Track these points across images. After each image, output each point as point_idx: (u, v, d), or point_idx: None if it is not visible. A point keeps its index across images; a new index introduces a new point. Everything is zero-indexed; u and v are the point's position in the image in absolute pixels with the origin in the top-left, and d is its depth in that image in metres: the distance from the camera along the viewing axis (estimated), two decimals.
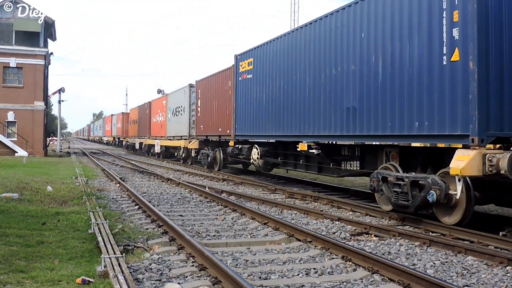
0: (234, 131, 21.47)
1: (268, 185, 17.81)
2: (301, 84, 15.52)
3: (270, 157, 19.26)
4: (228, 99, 22.69)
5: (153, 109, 43.57)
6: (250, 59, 19.70)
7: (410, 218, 10.87)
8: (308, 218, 11.55)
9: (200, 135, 27.85)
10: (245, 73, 20.17)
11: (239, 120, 20.90)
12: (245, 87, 20.24)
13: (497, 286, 6.41)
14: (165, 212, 11.89)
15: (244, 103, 20.29)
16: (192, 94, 30.19)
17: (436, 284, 5.86)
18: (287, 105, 16.39)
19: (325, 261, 7.62)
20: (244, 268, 7.17)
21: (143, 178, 21.74)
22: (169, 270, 6.93)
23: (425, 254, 8.06)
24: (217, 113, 24.69)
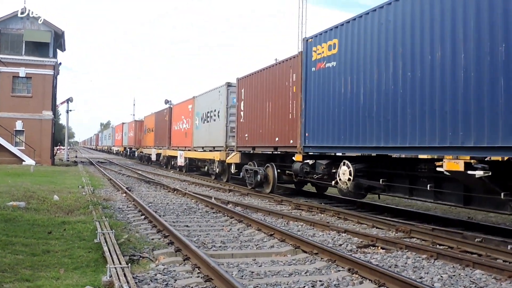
0: (303, 141, 15.88)
1: (274, 196, 17.75)
2: (452, 65, 10.05)
3: (366, 178, 13.60)
4: (291, 98, 17.21)
5: (174, 115, 38.07)
6: (333, 41, 14.32)
7: (417, 231, 10.80)
8: (315, 229, 11.50)
9: (243, 146, 21.97)
10: (323, 60, 14.81)
11: (313, 125, 15.37)
12: (323, 80, 14.82)
13: None
14: (171, 222, 11.87)
15: (322, 102, 14.87)
16: (231, 95, 24.88)
17: None
18: (413, 100, 11.07)
19: (331, 273, 7.57)
20: (249, 279, 7.13)
21: (150, 188, 21.76)
22: (175, 281, 6.91)
23: (433, 267, 7.99)
24: (272, 117, 18.95)
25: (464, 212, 14.86)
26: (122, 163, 46.62)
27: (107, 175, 28.52)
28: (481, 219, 13.73)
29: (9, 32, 39.22)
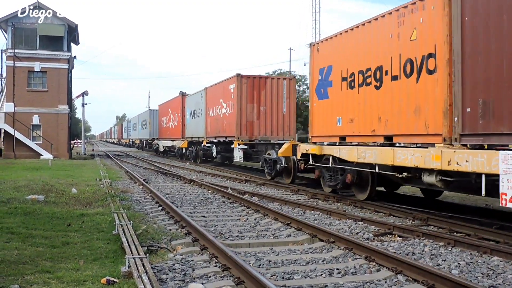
0: None
1: (291, 186, 17.77)
2: None
3: None
4: None
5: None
6: None
7: (434, 219, 10.76)
8: (331, 218, 11.51)
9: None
10: None
11: None
12: None
13: None
14: (188, 213, 11.95)
15: None
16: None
17: (461, 284, 5.80)
18: None
19: (348, 261, 7.58)
20: (267, 268, 7.18)
21: (166, 179, 21.89)
22: (193, 270, 6.97)
23: (450, 255, 7.97)
24: None
25: (481, 199, 14.75)
26: (139, 156, 46.88)
27: (124, 167, 28.74)
28: (498, 206, 13.59)
29: (23, 26, 39.44)
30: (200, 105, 32.97)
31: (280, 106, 24.87)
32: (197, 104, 34.10)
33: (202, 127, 32.29)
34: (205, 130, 31.71)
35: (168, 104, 45.91)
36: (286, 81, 25.29)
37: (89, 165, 31.60)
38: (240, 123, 24.76)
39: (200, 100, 32.98)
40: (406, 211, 11.85)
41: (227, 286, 6.11)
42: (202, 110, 32.36)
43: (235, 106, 25.06)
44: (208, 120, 30.95)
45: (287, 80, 25.59)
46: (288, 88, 25.01)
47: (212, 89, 30.37)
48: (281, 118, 24.92)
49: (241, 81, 24.77)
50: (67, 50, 40.96)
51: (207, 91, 31.36)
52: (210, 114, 30.57)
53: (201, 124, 32.75)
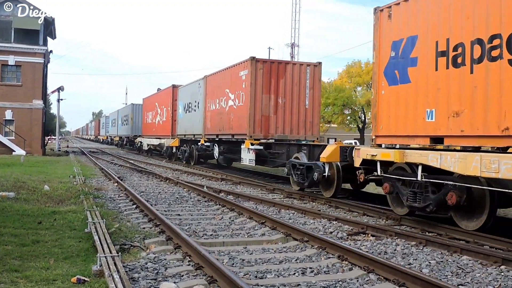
0: None
1: (267, 185, 17.80)
2: None
3: None
4: None
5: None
6: None
7: (407, 219, 10.88)
8: (306, 217, 11.55)
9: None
10: None
11: None
12: None
13: (491, 285, 6.42)
14: (162, 211, 11.88)
15: None
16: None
17: (431, 283, 5.87)
18: None
19: (321, 260, 7.62)
20: (240, 267, 7.17)
21: (142, 177, 21.73)
22: (165, 269, 6.93)
23: (421, 254, 8.07)
24: None
25: None
26: (115, 153, 46.47)
27: (98, 164, 28.45)
28: None
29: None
30: (197, 97, 28.23)
31: (302, 98, 20.68)
32: (193, 95, 29.28)
33: (200, 123, 27.56)
34: (203, 127, 26.97)
35: (155, 97, 41.25)
36: (310, 68, 20.82)
37: (63, 161, 31.21)
38: (253, 118, 20.17)
39: (198, 91, 28.22)
40: (380, 210, 11.96)
41: (200, 285, 6.09)
42: (200, 103, 27.62)
43: (248, 97, 20.40)
44: (208, 115, 26.26)
45: (311, 66, 20.95)
46: (312, 76, 20.76)
47: (215, 78, 25.48)
48: (302, 112, 20.70)
49: (256, 66, 20.22)
50: (43, 44, 40.36)
51: (208, 80, 26.69)
52: (211, 108, 25.75)
53: (198, 119, 28.07)
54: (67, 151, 49.26)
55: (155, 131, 39.74)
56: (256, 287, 6.21)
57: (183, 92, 32.06)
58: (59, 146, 51.87)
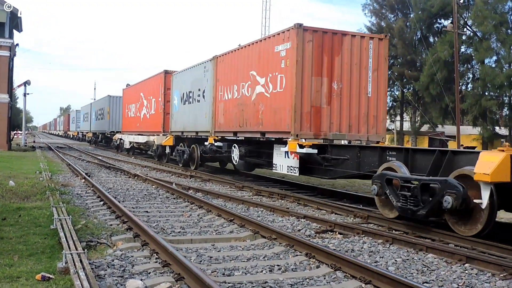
0: None
1: (236, 182, 17.79)
2: None
3: None
4: None
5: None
6: None
7: (374, 217, 11.01)
8: (274, 215, 11.58)
9: None
10: None
11: None
12: None
13: (455, 282, 6.54)
14: (130, 208, 11.77)
15: None
16: None
17: (396, 280, 5.95)
18: None
19: (289, 258, 7.66)
20: (208, 264, 7.15)
21: (110, 173, 21.48)
22: (132, 266, 6.87)
23: (388, 252, 8.17)
24: None
25: None
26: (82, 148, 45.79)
27: (66, 160, 28.01)
28: None
29: None
30: (202, 84, 22.10)
31: (364, 84, 15.27)
32: (195, 83, 23.12)
33: (206, 117, 21.44)
34: (211, 122, 20.72)
35: (140, 86, 34.72)
36: (374, 42, 15.43)
37: (29, 157, 30.64)
38: (300, 111, 14.47)
39: (203, 77, 22.02)
40: (348, 208, 12.08)
41: (167, 283, 6.05)
42: (207, 91, 21.42)
43: (291, 80, 14.59)
44: (220, 107, 19.97)
45: (375, 40, 15.57)
46: (377, 53, 15.39)
47: (232, 57, 19.07)
48: (364, 103, 15.27)
49: (303, 37, 14.53)
50: (8, 37, 39.49)
51: (219, 61, 20.20)
52: (225, 97, 19.49)
53: (203, 112, 21.94)
54: (33, 147, 48.32)
55: (140, 126, 33.81)
56: (224, 284, 6.20)
57: (180, 78, 25.74)
58: (25, 141, 50.87)
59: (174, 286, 6.07)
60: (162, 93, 28.68)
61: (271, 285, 6.24)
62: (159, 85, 29.28)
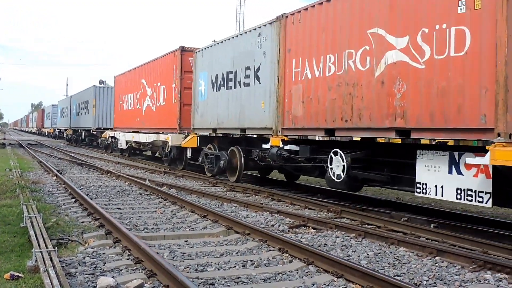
0: None
1: (210, 178, 17.74)
2: None
3: None
4: None
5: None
6: None
7: (347, 211, 11.10)
8: (248, 211, 11.59)
9: None
10: None
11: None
12: None
13: (426, 275, 6.63)
14: (102, 205, 11.65)
15: None
16: None
17: (368, 274, 6.01)
18: None
19: (262, 253, 7.67)
20: (181, 260, 7.12)
21: (82, 170, 21.22)
22: (104, 263, 6.80)
23: (360, 246, 8.24)
24: None
25: (393, 193, 15.38)
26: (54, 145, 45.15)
27: (37, 157, 27.57)
28: (408, 199, 14.26)
29: None
30: (254, 59, 15.38)
31: None
32: (240, 58, 16.29)
33: (265, 106, 14.70)
34: (276, 114, 13.98)
35: (141, 71, 27.43)
36: None
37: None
38: None
39: (255, 49, 15.33)
40: (322, 203, 12.14)
41: (139, 279, 6.00)
42: (265, 69, 14.74)
43: (489, 35, 8.05)
44: (295, 90, 13.18)
45: None
46: None
47: (325, 10, 12.15)
48: None
49: None
50: None
51: (290, 21, 13.59)
52: (306, 75, 12.70)
53: (256, 100, 15.19)
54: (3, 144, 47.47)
55: (142, 121, 27.01)
56: (196, 280, 6.18)
57: (210, 56, 18.65)
58: None
59: (146, 283, 6.03)
60: (178, 77, 21.71)
61: (244, 281, 6.25)
62: (173, 67, 22.21)
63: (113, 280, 5.88)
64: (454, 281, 6.42)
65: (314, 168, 12.95)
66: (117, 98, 33.21)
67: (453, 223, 9.76)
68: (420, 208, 12.00)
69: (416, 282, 6.33)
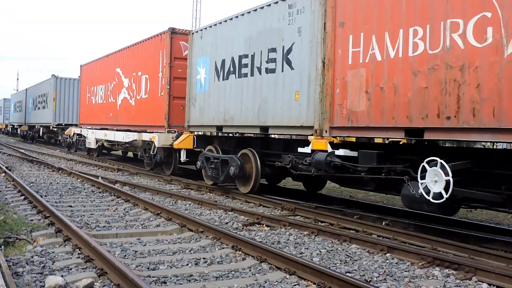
0: None
1: (164, 176, 17.58)
2: None
3: None
4: None
5: None
6: None
7: (301, 209, 11.19)
8: (202, 208, 11.54)
9: None
10: None
11: None
12: None
13: (377, 271, 6.75)
14: (53, 203, 11.39)
15: None
16: None
17: (319, 271, 6.07)
18: None
19: (215, 250, 7.65)
20: (132, 259, 7.03)
21: (32, 167, 20.67)
22: (53, 262, 6.65)
23: (313, 243, 8.32)
24: None
25: (347, 191, 15.59)
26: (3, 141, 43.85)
27: None
28: (361, 197, 14.49)
29: None
30: (282, 39, 11.95)
31: None
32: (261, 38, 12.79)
33: (300, 97, 11.23)
34: (320, 108, 10.53)
35: (116, 58, 23.67)
36: None
37: None
38: None
39: (285, 25, 11.84)
40: (276, 201, 12.20)
41: (88, 278, 5.88)
42: (300, 51, 11.33)
43: None
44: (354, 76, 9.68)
45: None
46: None
47: None
48: None
49: None
50: None
51: None
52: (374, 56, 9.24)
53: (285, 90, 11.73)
54: None
55: (116, 117, 23.23)
56: (148, 278, 6.11)
57: (215, 37, 15.01)
58: None
59: (96, 282, 5.93)
60: (167, 65, 18.09)
61: (196, 278, 6.22)
62: (159, 53, 18.65)
63: (62, 279, 5.75)
64: (404, 277, 6.55)
65: (380, 182, 9.72)
66: (83, 90, 29.27)
67: (405, 220, 9.98)
68: (372, 205, 12.21)
69: (367, 279, 6.43)
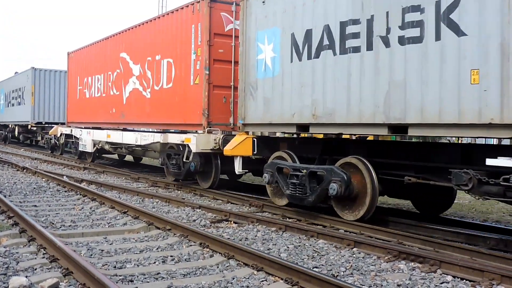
0: None
1: (131, 174, 17.43)
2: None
3: None
4: None
5: None
6: None
7: (269, 206, 11.22)
8: (170, 206, 11.49)
9: None
10: None
11: None
12: None
13: (343, 266, 6.83)
14: (17, 202, 11.18)
15: None
16: None
17: (286, 266, 6.11)
18: None
19: (183, 248, 7.62)
20: (99, 258, 6.96)
21: None
22: (17, 263, 6.53)
23: (280, 239, 8.37)
24: None
25: None
26: None
27: None
28: None
29: None
30: None
31: None
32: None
33: (498, 80, 6.57)
34: None
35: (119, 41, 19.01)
36: None
37: None
38: None
39: None
40: (244, 198, 12.21)
41: (53, 278, 5.80)
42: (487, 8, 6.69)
43: None
44: None
45: None
46: None
47: None
48: None
49: None
50: None
51: None
52: None
53: (466, 65, 7.00)
54: None
55: (121, 113, 18.61)
56: (115, 277, 6.06)
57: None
58: None
59: (62, 282, 5.85)
60: (205, 43, 13.51)
61: (164, 276, 6.19)
62: (191, 28, 14.10)
63: (26, 280, 5.66)
64: (370, 271, 6.64)
65: None
66: (73, 82, 24.31)
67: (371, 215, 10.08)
68: None
69: (334, 273, 6.50)
